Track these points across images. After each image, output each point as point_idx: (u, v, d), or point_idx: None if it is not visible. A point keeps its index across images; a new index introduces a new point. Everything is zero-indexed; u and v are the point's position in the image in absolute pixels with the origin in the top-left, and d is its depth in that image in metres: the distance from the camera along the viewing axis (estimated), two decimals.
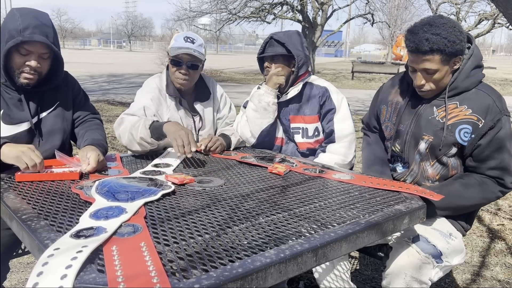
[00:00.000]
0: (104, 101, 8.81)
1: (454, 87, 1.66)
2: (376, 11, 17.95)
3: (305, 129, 2.14)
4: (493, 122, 1.60)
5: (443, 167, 1.72)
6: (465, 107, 1.65)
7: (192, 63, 1.99)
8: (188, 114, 2.10)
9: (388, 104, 1.87)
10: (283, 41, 2.05)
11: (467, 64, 1.65)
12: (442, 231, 1.63)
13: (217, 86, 2.26)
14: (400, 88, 1.85)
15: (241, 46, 76.74)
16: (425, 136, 1.71)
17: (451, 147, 1.67)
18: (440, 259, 1.54)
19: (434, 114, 1.70)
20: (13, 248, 1.78)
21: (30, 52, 1.63)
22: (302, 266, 1.01)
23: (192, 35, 2.02)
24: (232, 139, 2.11)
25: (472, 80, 1.66)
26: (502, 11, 2.42)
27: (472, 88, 1.67)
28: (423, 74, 1.64)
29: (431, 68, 1.60)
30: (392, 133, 1.82)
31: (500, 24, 15.45)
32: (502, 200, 3.73)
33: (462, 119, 1.64)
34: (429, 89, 1.67)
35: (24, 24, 1.58)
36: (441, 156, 1.70)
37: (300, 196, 1.42)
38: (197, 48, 1.98)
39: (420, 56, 1.59)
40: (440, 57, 1.58)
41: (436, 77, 1.63)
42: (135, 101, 2.05)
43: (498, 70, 28.48)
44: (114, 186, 1.38)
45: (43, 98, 1.78)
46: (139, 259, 0.91)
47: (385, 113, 1.88)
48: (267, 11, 16.36)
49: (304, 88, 2.14)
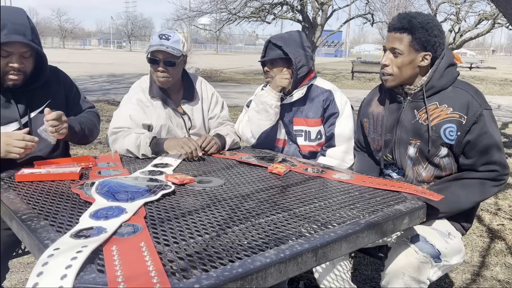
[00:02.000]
0: (104, 101, 8.81)
1: (431, 86, 1.68)
2: (376, 11, 17.94)
3: (308, 132, 2.13)
4: (475, 117, 1.61)
5: (436, 168, 1.72)
6: (445, 106, 1.66)
7: (168, 60, 1.97)
8: (176, 113, 2.09)
9: (369, 116, 1.89)
10: (279, 45, 2.04)
11: (440, 63, 1.68)
12: (441, 230, 1.62)
13: (207, 85, 2.25)
14: (378, 99, 1.88)
15: (241, 46, 76.74)
16: (412, 140, 1.72)
17: (439, 148, 1.67)
18: (439, 258, 1.54)
19: (417, 117, 1.71)
20: (13, 248, 1.78)
21: (10, 53, 1.62)
22: (302, 266, 1.01)
23: (169, 32, 2.01)
24: (227, 139, 2.10)
25: (448, 78, 1.68)
26: (502, 11, 2.42)
27: (448, 86, 1.69)
28: (390, 54, 1.68)
29: (398, 48, 1.64)
30: (380, 144, 1.84)
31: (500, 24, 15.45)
32: (502, 200, 3.74)
33: (445, 118, 1.65)
34: (391, 72, 1.69)
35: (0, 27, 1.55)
36: (432, 158, 1.70)
37: (300, 196, 1.42)
38: (172, 45, 1.95)
39: (392, 34, 1.67)
40: (410, 40, 1.62)
41: (400, 62, 1.66)
42: (120, 109, 2.05)
43: (498, 70, 28.48)
44: (114, 186, 1.38)
45: (33, 97, 1.76)
46: (139, 259, 0.91)
47: (367, 126, 1.90)
48: (267, 11, 16.34)
49: (309, 91, 2.12)
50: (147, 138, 1.90)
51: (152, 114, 2.03)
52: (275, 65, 2.09)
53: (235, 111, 7.27)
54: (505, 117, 9.01)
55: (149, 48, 1.97)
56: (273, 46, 2.08)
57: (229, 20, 16.63)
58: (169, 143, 1.91)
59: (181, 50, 1.99)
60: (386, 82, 1.73)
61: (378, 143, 1.85)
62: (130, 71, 18.10)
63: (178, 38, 1.99)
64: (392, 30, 1.67)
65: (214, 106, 2.23)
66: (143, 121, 2.00)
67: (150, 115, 2.03)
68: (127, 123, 1.98)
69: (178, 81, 2.11)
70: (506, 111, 10.06)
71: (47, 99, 1.81)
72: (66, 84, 1.91)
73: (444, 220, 1.70)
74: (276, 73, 2.09)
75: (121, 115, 2.02)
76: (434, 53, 1.65)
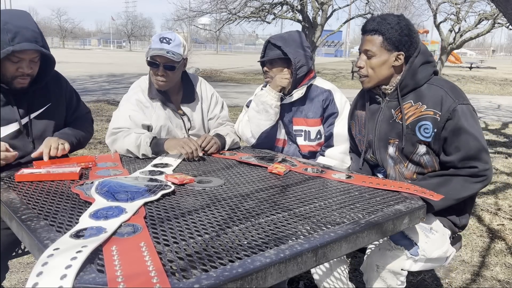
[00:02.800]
0: (104, 101, 8.81)
1: (405, 85, 1.70)
2: (376, 11, 17.93)
3: (308, 132, 2.13)
4: (449, 112, 1.60)
5: (418, 166, 1.72)
6: (420, 103, 1.67)
7: (168, 64, 1.96)
8: (176, 114, 2.09)
9: (354, 119, 1.92)
10: (279, 45, 2.05)
11: (414, 61, 1.69)
12: (422, 225, 1.63)
13: (207, 86, 2.24)
14: (361, 102, 1.90)
15: (241, 46, 76.71)
16: (391, 140, 1.74)
17: (416, 146, 1.68)
18: (416, 251, 1.56)
19: (394, 117, 1.73)
20: (12, 248, 1.78)
21: (21, 59, 1.63)
22: (302, 266, 1.01)
23: (170, 35, 1.99)
24: (227, 139, 2.10)
25: (422, 75, 1.69)
26: (502, 11, 2.42)
27: (423, 83, 1.69)
28: (364, 56, 1.72)
29: (371, 50, 1.68)
30: (364, 145, 1.85)
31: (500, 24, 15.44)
32: (502, 200, 3.73)
33: (419, 116, 1.65)
34: (366, 74, 1.72)
35: (11, 34, 1.57)
36: (412, 156, 1.70)
37: (300, 196, 1.42)
38: (173, 49, 1.94)
39: (365, 36, 1.70)
40: (381, 41, 1.66)
41: (374, 63, 1.69)
42: (119, 109, 2.05)
43: (498, 70, 28.49)
44: (114, 186, 1.38)
45: (33, 98, 1.77)
46: (139, 259, 0.91)
47: (354, 127, 1.93)
48: (267, 11, 16.34)
49: (308, 91, 2.13)
50: (148, 138, 1.90)
51: (151, 114, 2.03)
52: (275, 65, 2.09)
53: (235, 111, 7.27)
54: (505, 117, 9.01)
55: (149, 51, 1.96)
56: (273, 46, 2.08)
57: (229, 20, 16.63)
58: (169, 143, 1.91)
59: (182, 54, 1.98)
60: (363, 83, 1.77)
61: (362, 144, 1.87)
62: (130, 71, 18.10)
63: (179, 41, 1.98)
64: (364, 32, 1.71)
65: (214, 106, 2.22)
66: (142, 122, 2.00)
67: (149, 115, 2.02)
68: (127, 123, 1.98)
69: (178, 82, 2.11)
70: (506, 111, 10.06)
71: (48, 102, 1.82)
72: (67, 91, 1.94)
73: (429, 215, 1.70)
74: (276, 73, 2.09)
75: (120, 115, 2.01)
76: (407, 52, 1.67)
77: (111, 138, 1.98)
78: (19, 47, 1.58)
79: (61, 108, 1.88)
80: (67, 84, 1.95)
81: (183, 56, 2.00)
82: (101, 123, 6.39)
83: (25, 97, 1.74)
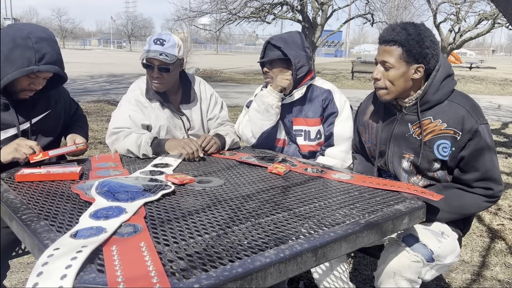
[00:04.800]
0: (104, 101, 8.81)
1: (426, 101, 1.64)
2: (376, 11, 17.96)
3: (308, 132, 2.14)
4: (471, 133, 1.56)
5: (431, 180, 1.71)
6: (440, 121, 1.61)
7: (163, 66, 1.95)
8: (175, 114, 2.09)
9: (365, 125, 1.87)
10: (279, 45, 2.05)
11: (436, 76, 1.62)
12: (434, 230, 1.62)
13: (206, 86, 2.24)
14: (373, 109, 1.85)
15: (241, 46, 76.71)
16: (406, 154, 1.69)
17: (432, 164, 1.65)
18: (431, 258, 1.54)
19: (410, 131, 1.68)
20: (13, 246, 1.78)
21: (38, 78, 1.66)
22: (302, 266, 1.01)
23: (164, 36, 1.98)
24: (227, 139, 2.10)
25: (444, 91, 1.63)
26: (502, 11, 2.42)
27: (444, 100, 1.63)
28: (381, 68, 1.64)
29: (389, 62, 1.60)
30: (375, 154, 1.83)
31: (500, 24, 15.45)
32: (502, 200, 3.73)
33: (439, 134, 1.61)
34: (383, 86, 1.65)
35: (40, 54, 1.60)
36: (426, 172, 1.68)
37: (300, 196, 1.42)
38: (166, 50, 1.93)
39: (383, 46, 1.62)
40: (400, 53, 1.58)
41: (391, 75, 1.61)
42: (119, 110, 2.06)
43: (498, 70, 28.48)
44: (114, 186, 1.38)
45: (32, 104, 1.78)
46: (139, 259, 0.91)
47: (364, 133, 1.89)
48: (267, 11, 16.35)
49: (308, 91, 2.13)
50: (149, 138, 1.90)
51: (150, 114, 2.03)
52: (275, 65, 2.09)
53: (235, 111, 7.27)
54: (505, 117, 9.01)
55: (143, 53, 1.96)
56: (273, 47, 2.08)
57: (229, 20, 16.64)
58: (170, 144, 1.92)
59: (176, 55, 1.97)
60: (380, 96, 1.69)
61: (374, 152, 1.84)
62: (130, 71, 18.10)
63: (173, 42, 1.97)
64: (382, 42, 1.62)
65: (213, 106, 2.22)
66: (142, 122, 2.00)
67: (148, 115, 2.03)
68: (127, 123, 1.98)
69: (176, 82, 2.11)
70: (506, 111, 10.06)
71: (48, 108, 1.83)
72: (65, 100, 1.98)
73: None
74: (276, 74, 2.09)
75: (120, 115, 2.02)
76: (427, 64, 1.60)
77: (111, 138, 1.98)
78: (45, 69, 1.61)
79: (59, 114, 1.91)
80: (66, 93, 1.99)
81: (177, 57, 1.99)
82: (101, 123, 6.39)
83: (24, 103, 1.75)
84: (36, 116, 1.79)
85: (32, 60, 1.58)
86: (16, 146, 1.59)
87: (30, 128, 1.76)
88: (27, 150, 1.59)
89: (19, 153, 1.58)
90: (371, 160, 1.91)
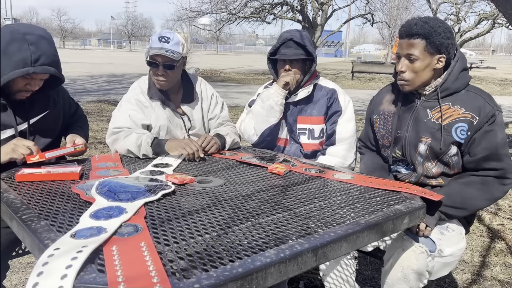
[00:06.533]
0: (104, 101, 8.82)
1: (445, 87, 1.71)
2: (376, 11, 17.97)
3: (312, 130, 2.15)
4: (488, 118, 1.63)
5: (445, 166, 1.74)
6: (458, 106, 1.68)
7: (168, 64, 1.96)
8: (176, 114, 2.09)
9: (380, 114, 1.91)
10: (304, 43, 2.06)
11: (455, 66, 1.70)
12: (439, 224, 1.65)
13: (207, 86, 2.25)
14: (391, 98, 1.89)
15: (241, 46, 76.67)
16: (423, 138, 1.73)
17: (450, 147, 1.69)
18: (434, 249, 1.58)
19: (429, 116, 1.73)
20: (13, 246, 1.78)
21: (34, 79, 1.64)
22: (302, 266, 1.01)
23: (168, 34, 1.99)
24: (227, 139, 2.10)
25: (462, 81, 1.71)
26: (502, 11, 2.42)
27: (462, 89, 1.71)
28: (405, 61, 1.70)
29: (414, 54, 1.66)
30: (390, 141, 1.85)
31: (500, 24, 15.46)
32: (502, 200, 3.73)
33: (457, 118, 1.67)
34: (408, 78, 1.71)
35: (36, 56, 1.58)
36: (442, 156, 1.71)
37: (300, 196, 1.42)
38: (172, 48, 1.94)
39: (406, 40, 1.68)
40: (424, 45, 1.65)
41: (417, 67, 1.68)
42: (119, 109, 2.05)
43: (498, 70, 28.47)
44: (114, 186, 1.38)
45: (30, 105, 1.78)
46: (139, 259, 0.91)
47: (378, 122, 1.91)
48: (267, 11, 16.36)
49: (313, 90, 2.15)
50: (149, 138, 1.90)
51: (151, 114, 2.03)
52: (296, 64, 2.11)
53: (235, 111, 7.27)
54: (505, 117, 8.99)
55: (148, 50, 1.96)
56: (293, 44, 2.08)
57: (229, 20, 16.65)
58: (170, 144, 1.92)
59: (181, 52, 1.98)
60: (403, 87, 1.75)
61: (388, 139, 1.87)
62: (130, 71, 18.11)
63: (178, 40, 1.98)
64: (405, 36, 1.69)
65: (214, 106, 2.22)
66: (142, 121, 2.00)
67: (149, 115, 2.03)
68: (127, 123, 1.98)
69: (178, 82, 2.11)
70: (506, 111, 10.06)
71: (46, 109, 1.83)
72: (65, 100, 1.97)
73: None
74: (297, 73, 2.11)
75: (120, 115, 2.02)
76: (448, 54, 1.68)
77: (111, 138, 1.98)
78: (41, 70, 1.59)
79: (58, 114, 1.90)
80: (64, 94, 1.98)
81: (182, 55, 2.00)
82: (101, 123, 6.39)
83: (21, 104, 1.74)
84: (34, 117, 1.78)
85: (27, 61, 1.56)
86: (13, 146, 1.58)
87: (28, 129, 1.76)
88: (24, 150, 1.58)
89: (16, 153, 1.57)
90: (381, 153, 1.93)
